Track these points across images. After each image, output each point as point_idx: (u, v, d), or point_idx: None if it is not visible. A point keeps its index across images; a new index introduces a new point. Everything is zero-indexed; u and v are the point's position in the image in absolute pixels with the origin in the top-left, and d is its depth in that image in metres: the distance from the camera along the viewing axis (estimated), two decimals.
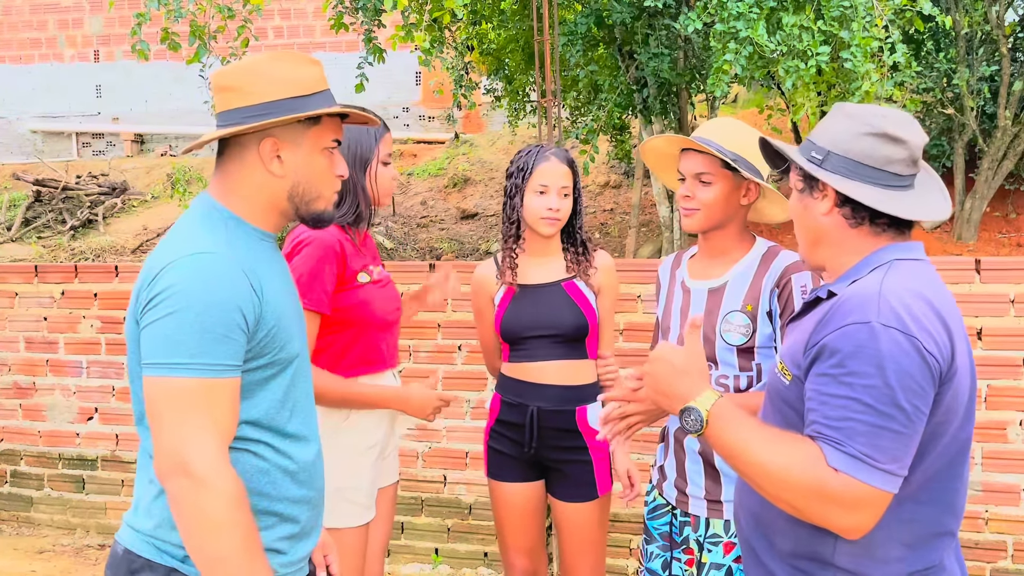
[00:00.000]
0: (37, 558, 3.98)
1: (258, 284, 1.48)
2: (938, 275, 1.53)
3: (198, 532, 1.39)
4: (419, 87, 10.67)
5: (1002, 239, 6.21)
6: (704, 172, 2.04)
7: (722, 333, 2.02)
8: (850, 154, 1.50)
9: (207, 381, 1.39)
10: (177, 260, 1.45)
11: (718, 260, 2.10)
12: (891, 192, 1.49)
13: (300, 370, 1.61)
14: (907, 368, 1.34)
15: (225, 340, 1.41)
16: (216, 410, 1.41)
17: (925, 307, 1.40)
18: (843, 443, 1.34)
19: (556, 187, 2.39)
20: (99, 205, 8.80)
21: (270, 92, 1.53)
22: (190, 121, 10.78)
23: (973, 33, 6.04)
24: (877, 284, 1.42)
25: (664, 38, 5.70)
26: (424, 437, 3.82)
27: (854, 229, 1.52)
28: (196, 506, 1.38)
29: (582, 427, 2.43)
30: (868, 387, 1.34)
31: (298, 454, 1.58)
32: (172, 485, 1.39)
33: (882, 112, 1.52)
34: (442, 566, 3.78)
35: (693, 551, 2.07)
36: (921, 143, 1.50)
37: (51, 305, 4.26)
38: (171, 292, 1.41)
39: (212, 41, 5.08)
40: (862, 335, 1.36)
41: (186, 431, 1.38)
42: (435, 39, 5.98)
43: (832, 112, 1.58)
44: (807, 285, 1.99)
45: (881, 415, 1.34)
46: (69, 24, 11.49)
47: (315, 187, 1.60)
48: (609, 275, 2.48)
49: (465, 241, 7.75)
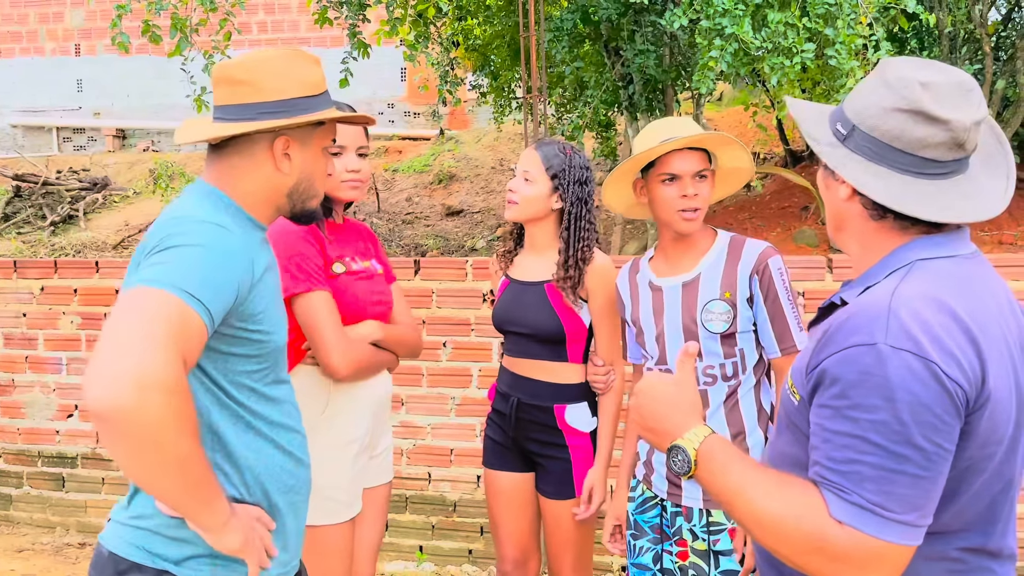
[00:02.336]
0: (16, 557, 3.93)
1: (255, 268, 1.49)
2: (984, 273, 1.27)
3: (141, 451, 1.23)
4: (404, 83, 10.64)
5: (984, 236, 6.26)
6: (704, 168, 2.07)
7: (704, 323, 2.05)
8: (876, 132, 1.24)
9: (186, 306, 1.30)
10: (192, 221, 1.44)
11: (685, 255, 2.13)
12: (923, 182, 1.22)
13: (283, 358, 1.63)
14: (923, 399, 1.11)
15: (215, 289, 1.36)
16: (186, 336, 1.29)
17: (948, 320, 1.15)
18: (848, 491, 1.14)
19: (520, 170, 2.41)
20: (80, 200, 8.72)
21: (285, 90, 1.56)
22: (172, 116, 10.70)
23: (956, 32, 6.08)
24: (888, 294, 1.17)
25: (650, 35, 5.70)
26: (408, 434, 3.80)
27: (876, 222, 1.27)
28: (145, 422, 1.20)
29: (562, 425, 2.42)
30: (876, 423, 1.12)
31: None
32: (120, 397, 1.19)
33: (928, 77, 1.22)
34: (426, 563, 3.76)
35: (686, 542, 2.08)
36: (969, 122, 1.21)
37: (30, 301, 4.21)
38: (178, 240, 1.39)
39: (194, 34, 5.04)
40: (867, 359, 1.13)
41: (150, 339, 1.23)
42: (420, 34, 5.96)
43: (876, 70, 1.30)
44: (782, 268, 2.06)
45: (893, 456, 1.11)
46: (50, 18, 11.38)
47: (314, 186, 1.63)
48: (601, 277, 2.38)
49: (450, 238, 7.73)
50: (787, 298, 2.06)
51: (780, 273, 2.06)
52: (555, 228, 2.43)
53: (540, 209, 2.39)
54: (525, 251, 2.51)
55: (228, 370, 1.47)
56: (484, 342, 3.67)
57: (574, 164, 2.39)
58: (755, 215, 7.19)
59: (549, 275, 2.42)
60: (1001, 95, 6.00)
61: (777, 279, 2.05)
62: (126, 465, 1.27)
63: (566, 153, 2.41)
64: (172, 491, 1.30)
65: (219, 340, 1.44)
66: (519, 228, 2.53)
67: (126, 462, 1.26)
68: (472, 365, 3.71)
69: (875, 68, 1.31)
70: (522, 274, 2.48)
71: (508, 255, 2.53)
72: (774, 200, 7.25)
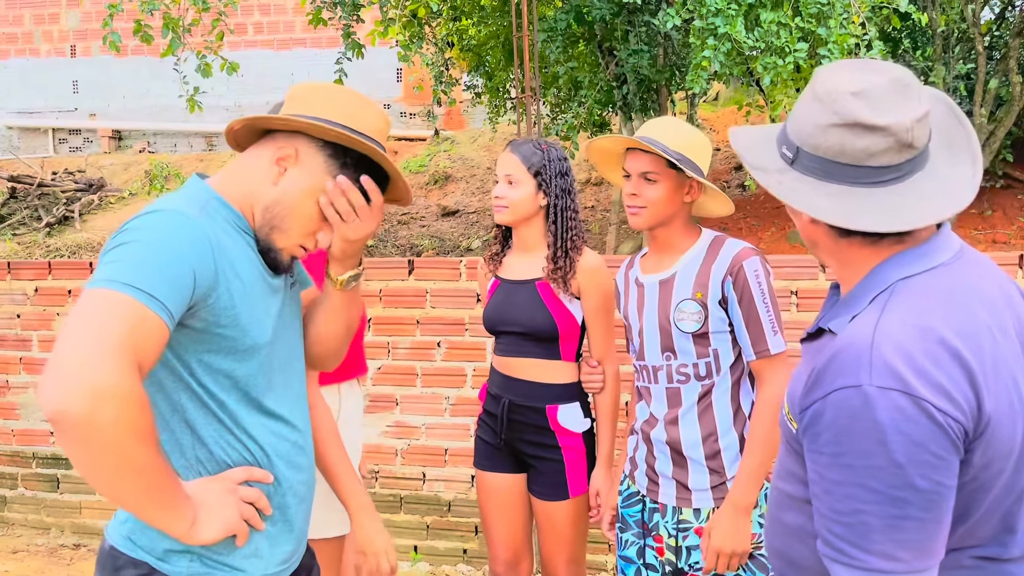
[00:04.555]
0: (11, 558, 3.93)
1: (221, 258, 1.42)
2: (971, 275, 1.20)
3: (95, 459, 1.23)
4: (400, 84, 10.64)
5: (977, 236, 6.27)
6: (650, 171, 2.09)
7: (676, 322, 2.07)
8: (820, 151, 1.19)
9: (141, 306, 1.27)
10: (146, 214, 1.40)
11: (667, 254, 2.16)
12: (879, 192, 1.17)
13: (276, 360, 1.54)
14: (916, 438, 1.06)
15: (170, 282, 1.32)
16: (141, 338, 1.26)
17: (935, 349, 1.09)
18: (855, 557, 1.11)
19: (502, 175, 2.42)
20: (75, 202, 8.71)
21: (329, 112, 1.49)
22: (168, 118, 10.69)
23: (949, 31, 6.10)
24: (871, 328, 1.13)
25: (644, 35, 5.71)
26: (403, 434, 3.80)
27: (844, 240, 1.23)
28: (98, 430, 1.19)
29: (554, 426, 2.42)
30: (872, 468, 1.07)
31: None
32: (73, 405, 1.18)
33: (858, 85, 1.18)
34: (421, 563, 3.77)
35: (662, 538, 2.10)
36: (910, 121, 1.16)
37: (24, 302, 4.20)
38: (132, 235, 1.35)
39: (187, 34, 5.04)
40: (854, 403, 1.09)
41: (104, 346, 1.21)
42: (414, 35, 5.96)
43: (809, 84, 1.25)
44: (759, 271, 2.03)
45: (894, 501, 1.07)
46: (45, 19, 11.36)
47: (287, 220, 1.50)
48: (593, 276, 2.40)
49: (446, 238, 7.73)
50: (762, 300, 2.02)
51: (756, 275, 2.03)
52: (543, 225, 2.45)
53: (529, 209, 2.41)
54: (514, 252, 2.52)
55: (206, 364, 1.43)
56: (478, 342, 3.68)
57: (552, 158, 2.43)
58: (749, 214, 7.20)
59: (539, 272, 2.43)
60: (994, 94, 6.02)
61: (752, 281, 2.02)
62: (83, 472, 1.26)
63: (542, 149, 2.44)
64: (130, 497, 1.29)
65: (191, 333, 1.40)
66: (506, 230, 2.55)
67: (83, 469, 1.26)
68: (466, 365, 3.72)
69: (810, 80, 1.25)
70: (512, 274, 2.49)
71: (496, 257, 2.55)
72: (768, 199, 7.26)
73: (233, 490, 1.45)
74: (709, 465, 2.05)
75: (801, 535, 1.28)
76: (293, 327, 1.63)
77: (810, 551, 1.24)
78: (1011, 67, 6.04)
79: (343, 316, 1.71)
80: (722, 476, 2.05)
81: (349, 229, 1.54)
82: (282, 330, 1.57)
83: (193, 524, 1.36)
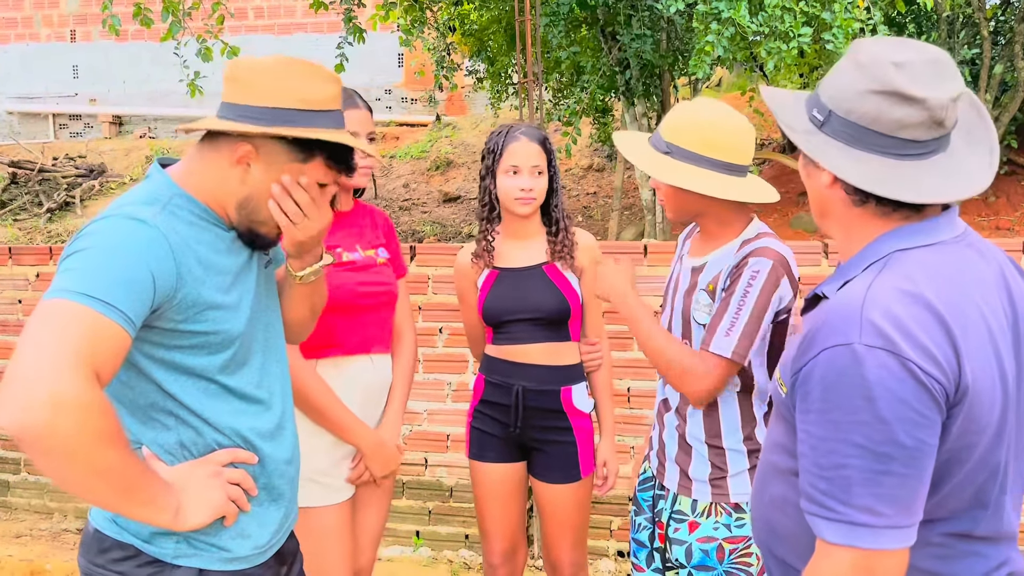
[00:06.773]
0: (14, 543, 3.95)
1: (184, 256, 1.41)
2: (970, 255, 1.24)
3: (63, 469, 1.23)
4: (401, 69, 10.60)
5: (981, 222, 6.26)
6: (538, 165, 2.13)
7: (693, 312, 2.03)
8: (853, 116, 1.21)
9: (97, 315, 1.26)
10: (103, 219, 1.39)
11: (708, 242, 2.10)
12: (904, 164, 1.20)
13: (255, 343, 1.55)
14: (901, 395, 1.10)
15: (127, 287, 1.31)
16: (99, 348, 1.26)
17: (923, 313, 1.14)
18: (835, 510, 1.14)
19: (527, 166, 2.38)
20: (76, 187, 8.70)
21: (277, 98, 1.46)
22: (169, 103, 10.66)
23: (955, 16, 6.06)
24: (862, 291, 1.17)
25: (647, 19, 5.68)
26: (405, 420, 3.80)
27: (858, 208, 1.25)
28: (62, 440, 1.19)
29: (567, 408, 2.43)
30: (858, 423, 1.12)
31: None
32: (32, 419, 1.19)
33: (900, 57, 1.20)
34: (423, 548, 3.78)
35: (663, 524, 2.09)
36: (946, 99, 1.18)
37: (26, 288, 4.20)
38: (87, 242, 1.35)
39: (187, 18, 5.01)
40: (843, 360, 1.13)
41: (61, 358, 1.21)
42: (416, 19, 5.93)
43: (848, 52, 1.27)
44: (759, 271, 1.90)
45: (878, 456, 1.11)
46: (45, 3, 11.32)
47: (264, 212, 1.51)
48: (591, 253, 2.46)
49: (447, 224, 7.72)
50: (740, 298, 1.89)
51: (753, 275, 1.90)
52: (539, 210, 2.47)
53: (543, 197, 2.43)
54: (506, 241, 2.49)
55: (177, 364, 1.43)
56: None
57: (548, 138, 2.46)
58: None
59: (543, 256, 2.43)
60: (999, 79, 5.99)
61: (745, 278, 1.90)
62: (56, 482, 1.27)
63: (543, 133, 2.46)
64: (108, 500, 1.30)
65: (161, 334, 1.40)
66: (491, 220, 2.49)
67: (55, 479, 1.26)
68: (468, 351, 3.71)
69: (847, 51, 1.27)
70: (512, 262, 2.47)
71: (489, 249, 2.50)
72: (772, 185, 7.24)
73: (218, 473, 1.46)
74: (711, 459, 2.03)
75: (784, 506, 1.31)
76: (270, 307, 1.64)
77: (793, 522, 1.27)
78: (1016, 52, 6.00)
79: (306, 303, 1.74)
80: (723, 471, 2.02)
81: (298, 230, 1.54)
82: (260, 312, 1.58)
83: (178, 513, 1.38)
